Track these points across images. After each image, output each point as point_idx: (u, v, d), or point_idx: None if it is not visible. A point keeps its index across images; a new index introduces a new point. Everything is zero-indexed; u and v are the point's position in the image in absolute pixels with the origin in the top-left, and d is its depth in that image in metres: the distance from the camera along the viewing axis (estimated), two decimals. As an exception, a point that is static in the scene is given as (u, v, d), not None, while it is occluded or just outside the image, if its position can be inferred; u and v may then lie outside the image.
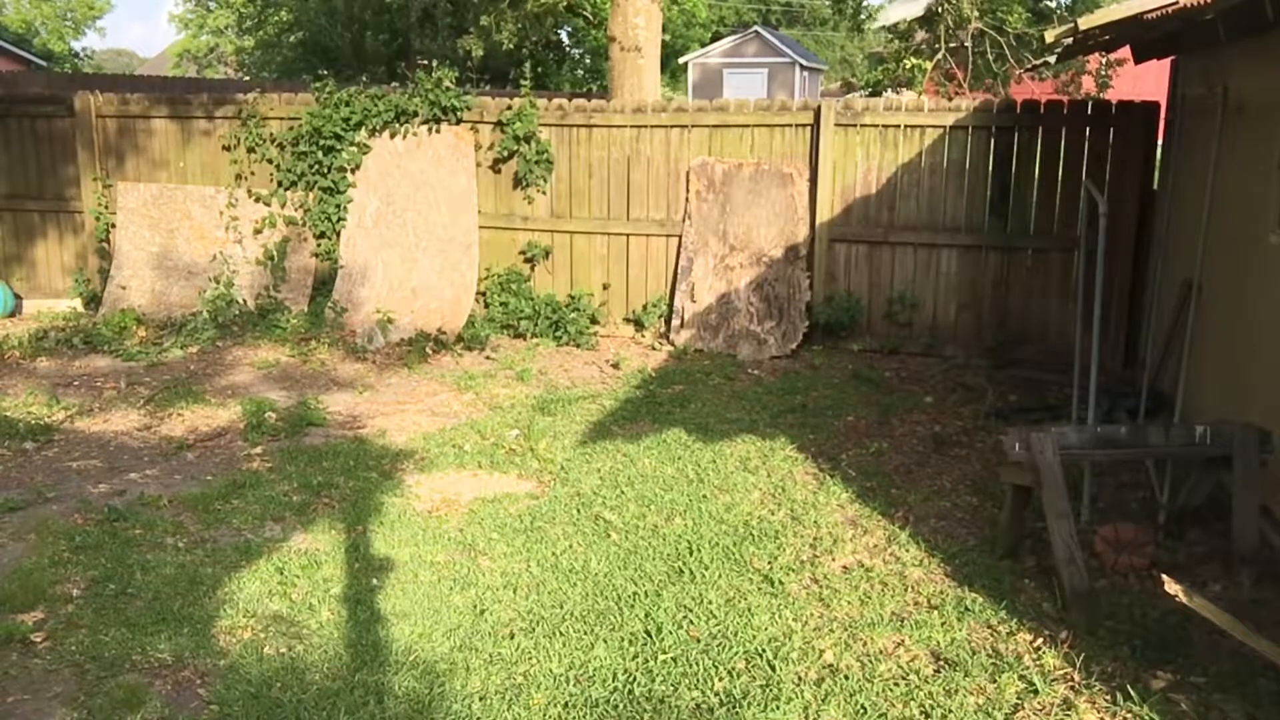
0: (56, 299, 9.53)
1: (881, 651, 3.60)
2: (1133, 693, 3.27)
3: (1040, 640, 3.64)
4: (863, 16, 19.66)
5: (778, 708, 3.25)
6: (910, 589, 4.07)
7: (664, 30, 15.78)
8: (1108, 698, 3.28)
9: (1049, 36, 5.44)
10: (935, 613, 3.86)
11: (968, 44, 16.22)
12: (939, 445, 5.82)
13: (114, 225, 9.18)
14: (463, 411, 6.56)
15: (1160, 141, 7.09)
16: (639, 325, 8.45)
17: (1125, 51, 6.67)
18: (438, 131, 8.58)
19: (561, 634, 3.72)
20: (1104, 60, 15.75)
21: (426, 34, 26.30)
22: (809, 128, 7.94)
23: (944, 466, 5.52)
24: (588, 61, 32.69)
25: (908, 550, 4.43)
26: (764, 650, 3.59)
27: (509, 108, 8.43)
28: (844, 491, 5.13)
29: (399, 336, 8.13)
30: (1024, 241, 7.62)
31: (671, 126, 8.23)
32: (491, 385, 7.12)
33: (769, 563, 4.31)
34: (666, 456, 5.62)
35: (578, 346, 8.21)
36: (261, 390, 6.96)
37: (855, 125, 7.82)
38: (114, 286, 9.00)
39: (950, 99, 11.03)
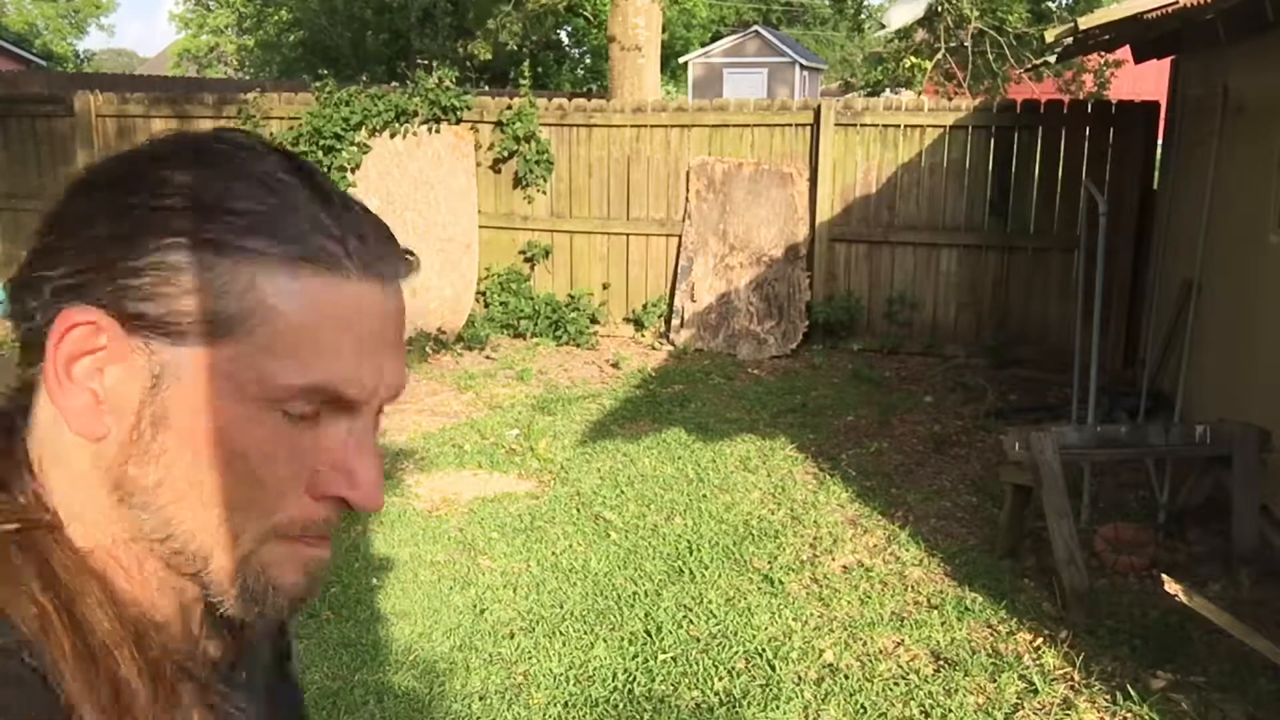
0: (56, 299, 9.52)
1: (881, 651, 3.60)
2: (1133, 692, 3.27)
3: (1040, 640, 3.64)
4: (863, 17, 19.68)
5: (778, 707, 3.25)
6: (910, 589, 4.08)
7: (664, 30, 15.77)
8: (1108, 697, 3.28)
9: (1049, 36, 5.45)
10: (935, 612, 3.86)
11: (967, 44, 16.23)
12: (939, 445, 5.82)
13: (114, 225, 9.17)
14: (462, 411, 6.56)
15: (1160, 141, 7.09)
16: (639, 325, 8.45)
17: (1125, 51, 6.67)
18: (438, 131, 8.58)
19: (561, 633, 3.72)
20: (1104, 60, 15.77)
21: (427, 34, 26.30)
22: (809, 127, 7.94)
23: (944, 466, 5.52)
24: (588, 61, 32.70)
25: (908, 550, 4.43)
26: (764, 650, 3.60)
27: (509, 108, 8.43)
28: (844, 491, 5.13)
29: (399, 336, 8.12)
30: (1024, 241, 7.62)
31: (671, 126, 8.23)
32: (491, 385, 7.12)
33: (769, 562, 4.31)
34: (666, 456, 5.62)
35: (578, 346, 8.21)
36: (261, 390, 6.95)
37: (855, 125, 7.82)
38: (114, 286, 8.99)
39: (950, 99, 11.04)
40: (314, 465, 0.63)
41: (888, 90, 17.07)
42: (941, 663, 3.52)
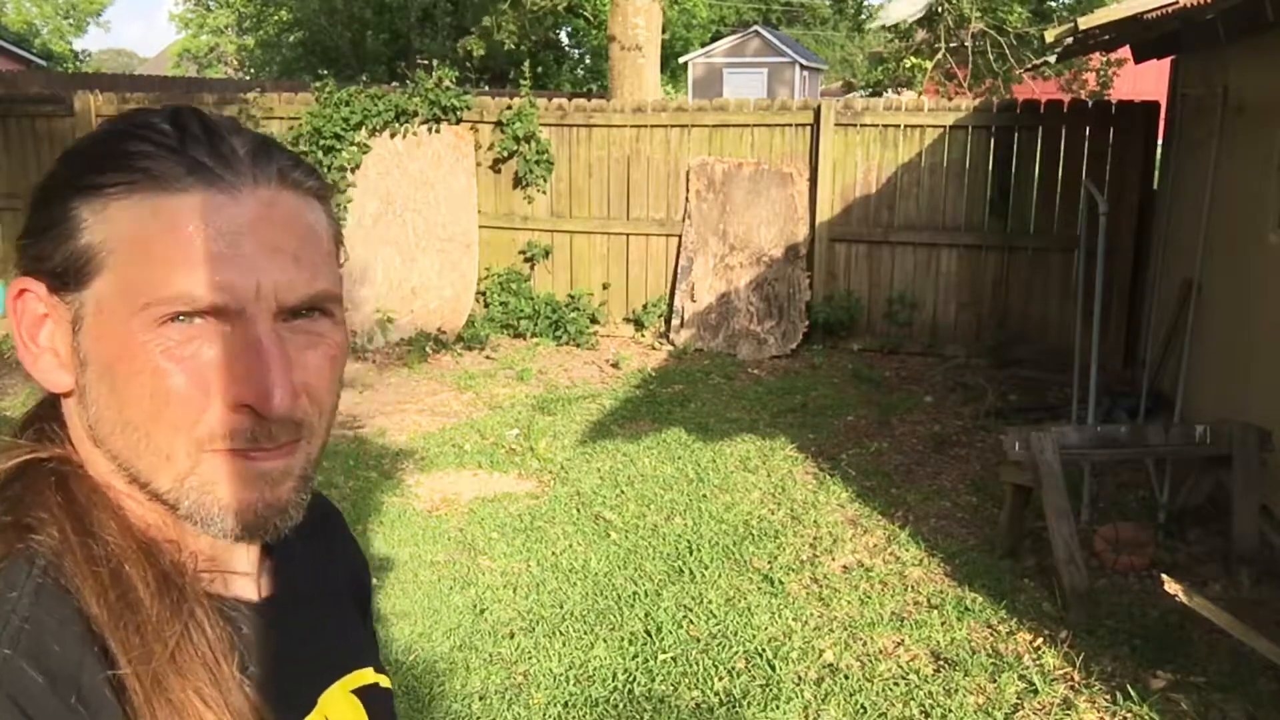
0: (56, 299, 9.51)
1: (881, 651, 3.60)
2: (1133, 692, 3.27)
3: (1040, 640, 3.64)
4: (863, 16, 19.67)
5: (778, 707, 3.25)
6: (910, 589, 4.08)
7: (664, 30, 15.77)
8: (1108, 697, 3.28)
9: (1049, 36, 5.45)
10: (935, 612, 3.86)
11: (968, 44, 16.23)
12: (939, 445, 5.82)
13: (114, 225, 9.16)
14: (463, 411, 6.56)
15: (1160, 141, 7.09)
16: (639, 325, 8.45)
17: (1125, 51, 6.67)
18: (438, 131, 8.58)
19: (561, 633, 3.72)
20: (1105, 59, 15.77)
21: (426, 34, 26.30)
22: (809, 127, 7.93)
23: (944, 466, 5.52)
24: (588, 61, 32.69)
25: (908, 550, 4.43)
26: (764, 650, 3.60)
27: (509, 108, 8.43)
28: (844, 491, 5.13)
29: (399, 336, 8.13)
30: (1024, 241, 7.62)
31: (671, 126, 8.23)
32: (491, 385, 7.12)
33: (769, 562, 4.31)
34: (666, 456, 5.62)
35: (578, 346, 8.21)
36: (261, 390, 6.95)
37: (855, 125, 7.82)
38: (114, 286, 8.99)
39: (950, 99, 11.04)
40: (223, 375, 0.66)
41: (888, 90, 17.07)
42: (941, 663, 3.51)
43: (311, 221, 0.71)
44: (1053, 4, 18.26)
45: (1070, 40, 5.29)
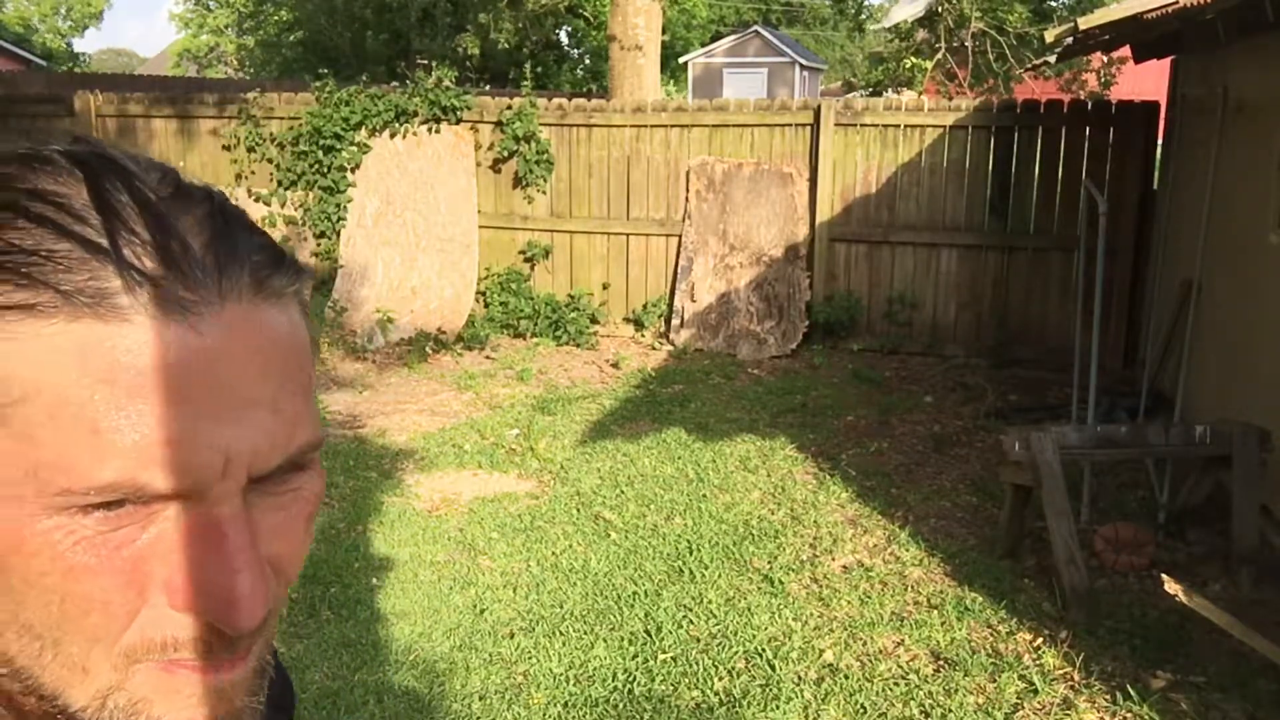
0: (56, 298, 9.50)
1: (881, 651, 3.60)
2: (1132, 692, 3.27)
3: (1040, 640, 3.64)
4: (863, 17, 19.68)
5: (778, 707, 3.25)
6: (910, 589, 4.08)
7: (664, 30, 15.76)
8: (1107, 697, 3.28)
9: (1049, 36, 5.46)
10: (935, 612, 3.86)
11: (968, 44, 16.24)
12: (939, 445, 5.82)
13: (114, 225, 9.15)
14: (463, 411, 6.56)
15: (1160, 141, 7.10)
16: (639, 325, 8.45)
17: (1125, 51, 6.68)
18: (437, 131, 8.58)
19: (561, 633, 3.72)
20: (1105, 59, 15.78)
21: (426, 33, 26.30)
22: (809, 127, 7.93)
23: (944, 466, 5.52)
24: (588, 61, 32.69)
25: (908, 550, 4.43)
26: (764, 650, 3.60)
27: (509, 107, 8.43)
28: (844, 491, 5.13)
29: (399, 336, 8.13)
30: (1024, 241, 7.62)
31: (671, 126, 8.23)
32: (491, 385, 7.12)
33: (769, 562, 4.31)
34: (666, 456, 5.62)
35: (578, 346, 8.21)
36: (261, 390, 6.94)
37: (855, 125, 7.82)
38: (114, 286, 8.98)
39: (950, 99, 11.04)
40: (167, 571, 0.48)
41: (888, 90, 17.09)
42: (941, 663, 3.52)
43: (296, 344, 0.51)
44: (1053, 4, 18.26)
45: (1070, 40, 5.30)
